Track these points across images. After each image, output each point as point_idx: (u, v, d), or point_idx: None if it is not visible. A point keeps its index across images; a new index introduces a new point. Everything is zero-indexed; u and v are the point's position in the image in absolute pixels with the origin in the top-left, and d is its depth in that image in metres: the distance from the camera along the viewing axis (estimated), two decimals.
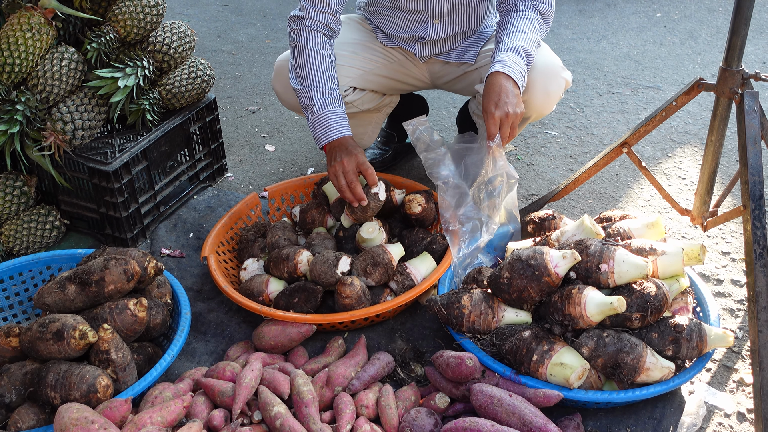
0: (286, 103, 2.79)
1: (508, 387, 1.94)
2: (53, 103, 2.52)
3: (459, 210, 2.39)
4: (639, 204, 2.98)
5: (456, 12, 2.63)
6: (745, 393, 2.12)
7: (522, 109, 2.30)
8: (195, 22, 5.15)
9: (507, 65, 2.31)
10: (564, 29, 4.77)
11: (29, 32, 2.39)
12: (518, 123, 2.32)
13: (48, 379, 1.87)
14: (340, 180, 2.36)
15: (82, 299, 2.05)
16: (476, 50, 2.73)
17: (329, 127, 2.42)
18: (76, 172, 2.60)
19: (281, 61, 2.72)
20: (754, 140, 2.12)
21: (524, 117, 2.58)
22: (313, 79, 2.45)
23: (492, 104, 2.28)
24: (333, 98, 2.44)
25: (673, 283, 2.07)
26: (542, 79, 2.49)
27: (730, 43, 2.16)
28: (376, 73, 2.77)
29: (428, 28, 2.67)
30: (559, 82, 2.54)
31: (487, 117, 2.29)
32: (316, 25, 2.48)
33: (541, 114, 2.59)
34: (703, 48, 4.46)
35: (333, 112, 2.42)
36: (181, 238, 2.74)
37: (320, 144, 2.44)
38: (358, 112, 2.83)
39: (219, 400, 1.95)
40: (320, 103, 2.43)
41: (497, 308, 2.07)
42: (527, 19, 2.43)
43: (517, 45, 2.36)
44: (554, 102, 2.58)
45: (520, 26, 2.41)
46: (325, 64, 2.46)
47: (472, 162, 2.44)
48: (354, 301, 2.19)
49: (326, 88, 2.44)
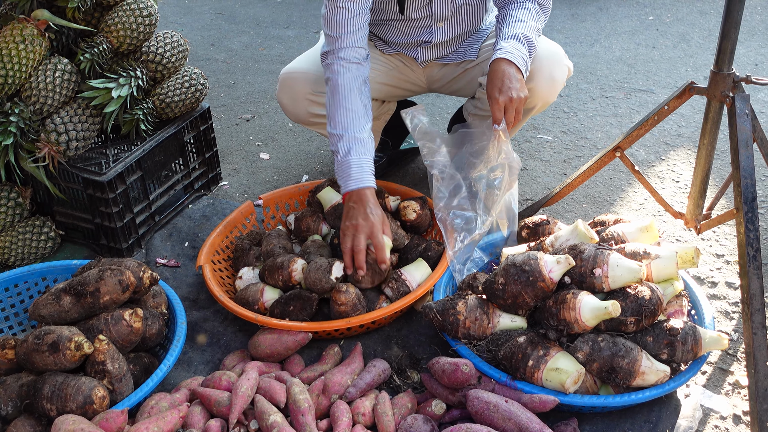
0: (293, 116, 2.74)
1: (504, 393, 1.94)
2: (47, 114, 2.52)
3: (453, 200, 2.39)
4: (633, 208, 2.98)
5: (459, 13, 2.64)
6: (740, 395, 2.12)
7: (526, 93, 2.31)
8: (188, 31, 5.16)
9: (509, 51, 2.32)
10: (557, 33, 4.79)
11: (22, 44, 2.39)
12: (522, 107, 2.32)
13: (44, 391, 1.86)
14: (346, 243, 2.28)
15: (77, 310, 2.05)
16: (477, 47, 2.75)
17: (349, 176, 2.34)
18: (71, 183, 2.60)
19: (288, 73, 2.68)
20: (745, 143, 2.13)
21: (530, 106, 2.57)
22: (340, 121, 2.38)
23: (496, 90, 2.29)
24: (358, 144, 2.36)
25: (667, 286, 2.08)
26: (547, 66, 2.50)
27: (720, 46, 2.17)
28: (376, 81, 2.77)
29: (432, 32, 2.67)
30: (562, 69, 2.56)
31: (492, 103, 2.29)
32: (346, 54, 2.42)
33: (546, 102, 2.59)
34: (696, 51, 4.48)
35: (356, 159, 2.34)
36: (176, 248, 2.74)
37: (342, 192, 2.39)
38: None
39: (215, 409, 1.95)
40: (344, 150, 2.36)
41: (492, 314, 2.08)
42: (525, 9, 2.44)
43: (517, 33, 2.37)
44: (558, 89, 2.58)
45: (518, 16, 2.43)
46: (354, 101, 2.40)
47: (472, 150, 2.44)
48: (349, 308, 2.20)
49: (352, 132, 2.37)
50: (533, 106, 2.59)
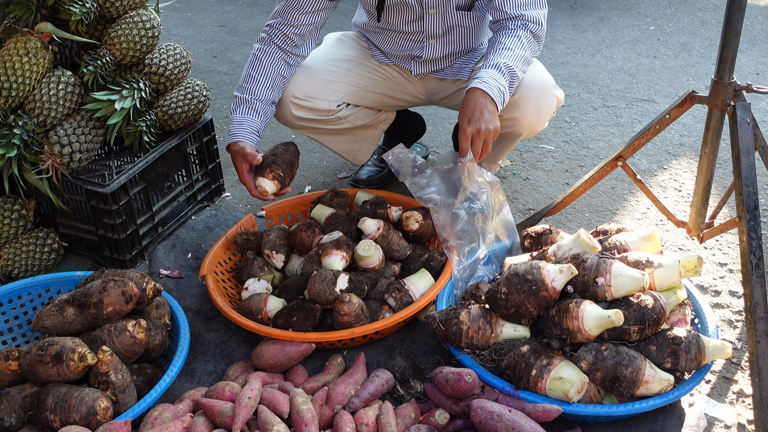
0: (281, 119, 2.80)
1: (508, 402, 1.94)
2: (50, 127, 2.53)
3: (455, 226, 2.40)
4: (635, 217, 2.99)
5: (452, 32, 2.65)
6: (745, 404, 2.12)
7: (496, 126, 2.30)
8: (191, 43, 5.18)
9: (485, 81, 2.32)
10: (558, 44, 4.80)
11: (26, 56, 2.41)
12: (492, 139, 2.31)
13: (47, 402, 1.87)
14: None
15: (80, 321, 2.05)
16: (470, 67, 2.75)
17: (230, 132, 2.53)
18: (74, 195, 2.61)
19: None
20: (747, 152, 2.13)
21: (516, 134, 2.59)
22: (250, 87, 2.57)
23: (465, 120, 2.30)
24: (246, 105, 2.55)
25: (670, 295, 2.08)
26: (534, 97, 2.50)
27: (721, 55, 2.18)
28: (369, 90, 2.79)
29: (424, 47, 2.69)
30: (550, 100, 2.55)
31: (461, 133, 2.30)
32: (277, 36, 2.60)
33: (532, 131, 2.60)
34: (697, 60, 4.49)
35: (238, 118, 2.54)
36: (179, 259, 2.75)
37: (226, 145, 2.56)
38: (352, 128, 2.85)
39: (219, 420, 1.95)
40: (241, 111, 2.55)
41: (495, 323, 2.08)
42: (515, 37, 2.43)
43: (499, 62, 2.36)
44: (545, 119, 2.59)
45: (506, 44, 2.42)
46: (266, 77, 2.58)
47: (454, 181, 2.45)
48: (353, 319, 2.19)
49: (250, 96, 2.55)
50: (519, 134, 2.60)
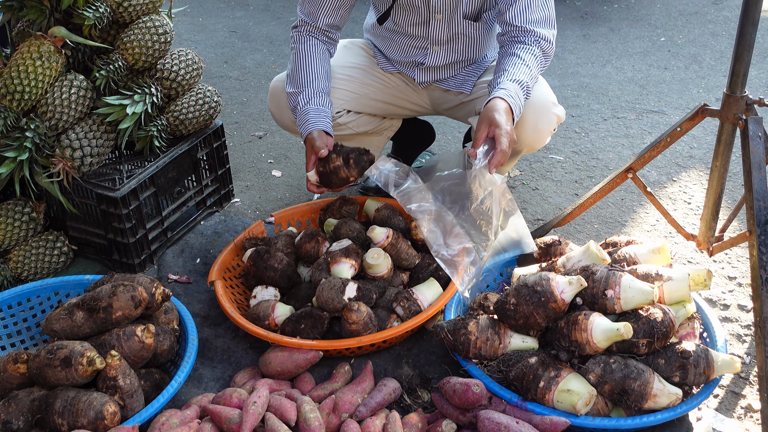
0: (280, 123, 2.84)
1: (515, 414, 1.93)
2: (62, 130, 2.55)
3: (448, 237, 2.36)
4: (645, 229, 2.98)
5: (455, 41, 2.66)
6: (753, 419, 2.11)
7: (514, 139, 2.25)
8: (202, 48, 5.20)
9: (511, 96, 2.29)
10: (568, 54, 4.80)
11: (39, 60, 2.42)
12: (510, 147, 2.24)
13: (55, 406, 1.87)
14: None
15: (89, 325, 2.06)
16: (473, 81, 2.74)
17: (308, 122, 2.53)
18: (85, 199, 2.62)
19: (276, 83, 2.81)
20: (758, 166, 2.13)
21: (516, 151, 2.58)
22: (302, 80, 2.60)
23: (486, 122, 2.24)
24: (317, 97, 2.56)
25: (679, 308, 2.07)
26: (533, 115, 2.48)
27: (733, 69, 2.18)
28: (371, 97, 2.80)
29: (427, 54, 2.70)
30: (549, 118, 2.54)
31: (478, 132, 2.25)
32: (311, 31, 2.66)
33: (532, 148, 2.59)
34: (708, 72, 4.48)
35: (314, 108, 2.54)
36: (188, 264, 2.75)
37: (302, 139, 2.56)
38: (354, 134, 2.86)
39: (226, 427, 1.95)
40: (304, 101, 2.56)
41: (504, 334, 2.07)
42: (532, 54, 2.43)
43: (522, 79, 2.35)
44: (545, 137, 2.57)
45: (526, 60, 2.40)
46: (316, 66, 2.62)
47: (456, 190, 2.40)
48: (360, 327, 2.19)
49: (312, 89, 2.57)
50: (519, 151, 2.60)
